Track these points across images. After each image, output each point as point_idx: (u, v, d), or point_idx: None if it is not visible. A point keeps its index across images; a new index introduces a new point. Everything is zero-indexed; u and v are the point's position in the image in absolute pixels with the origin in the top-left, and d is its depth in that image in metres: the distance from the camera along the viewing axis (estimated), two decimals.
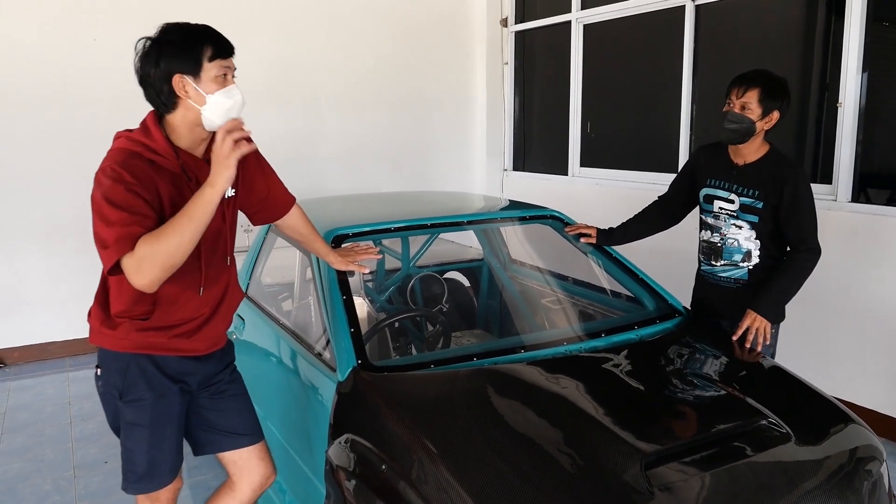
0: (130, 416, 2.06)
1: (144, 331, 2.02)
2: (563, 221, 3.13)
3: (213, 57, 1.94)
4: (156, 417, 2.07)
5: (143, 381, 2.04)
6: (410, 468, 1.85)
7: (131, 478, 2.12)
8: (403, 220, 2.86)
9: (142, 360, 2.04)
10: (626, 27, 5.38)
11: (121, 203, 1.82)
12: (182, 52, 1.93)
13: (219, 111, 1.96)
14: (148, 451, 2.08)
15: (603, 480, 1.77)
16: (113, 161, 1.89)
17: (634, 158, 5.37)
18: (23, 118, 4.77)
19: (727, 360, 2.52)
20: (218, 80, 1.95)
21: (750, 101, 2.62)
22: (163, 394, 2.07)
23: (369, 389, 2.12)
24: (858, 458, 2.07)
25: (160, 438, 2.10)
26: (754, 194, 2.71)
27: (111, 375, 2.06)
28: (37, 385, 4.63)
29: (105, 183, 1.85)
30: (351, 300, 2.42)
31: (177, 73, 1.93)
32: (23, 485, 3.37)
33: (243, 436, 2.26)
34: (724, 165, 2.81)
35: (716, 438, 1.98)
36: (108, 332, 2.03)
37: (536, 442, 1.91)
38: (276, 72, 5.60)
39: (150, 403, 2.05)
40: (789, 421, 2.08)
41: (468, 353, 2.36)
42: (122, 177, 1.84)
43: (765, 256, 2.77)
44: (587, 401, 2.11)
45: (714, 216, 2.85)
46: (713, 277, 2.90)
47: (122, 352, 2.03)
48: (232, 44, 2.01)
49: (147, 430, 2.07)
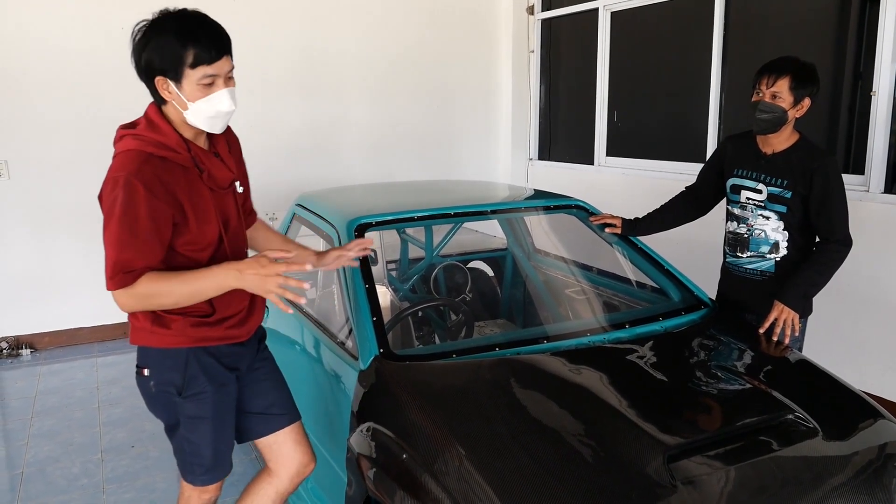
0: (193, 410, 2.03)
1: (200, 326, 1.99)
2: (588, 211, 3.10)
3: (196, 63, 1.79)
4: (218, 408, 2.06)
5: (203, 374, 2.01)
6: (431, 458, 1.85)
7: (198, 470, 2.11)
8: (426, 210, 2.85)
9: (200, 354, 2.01)
10: (655, 14, 5.29)
11: (132, 226, 1.78)
12: (164, 51, 1.79)
13: (201, 119, 1.87)
14: (213, 443, 2.08)
15: (625, 473, 1.75)
16: (128, 169, 1.79)
17: (662, 148, 5.30)
18: (50, 106, 4.84)
19: (753, 353, 2.48)
20: (201, 88, 1.82)
21: (781, 89, 2.57)
22: (223, 383, 2.06)
23: (391, 378, 2.12)
24: (888, 454, 2.03)
25: (223, 428, 2.10)
26: (783, 184, 2.66)
27: (167, 373, 2.01)
28: (66, 370, 4.71)
29: (120, 196, 1.78)
30: (373, 289, 2.42)
31: (158, 75, 1.82)
32: (52, 467, 3.43)
33: (278, 416, 2.22)
34: (752, 155, 2.76)
35: (740, 432, 1.95)
36: (162, 330, 1.96)
37: (558, 433, 1.89)
38: (301, 61, 5.61)
39: (212, 395, 2.03)
40: (816, 415, 2.05)
41: (491, 342, 2.34)
42: (138, 192, 1.77)
43: (792, 248, 2.72)
44: (610, 392, 2.09)
45: (741, 207, 2.80)
46: (739, 270, 2.86)
47: (180, 347, 1.99)
48: (224, 43, 1.85)
49: (211, 422, 2.05)
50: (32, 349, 5.04)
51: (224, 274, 1.86)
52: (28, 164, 4.86)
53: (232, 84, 1.90)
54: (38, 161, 4.88)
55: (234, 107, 1.89)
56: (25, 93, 4.79)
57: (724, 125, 4.73)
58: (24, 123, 4.80)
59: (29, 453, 3.57)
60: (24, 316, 5.01)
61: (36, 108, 4.83)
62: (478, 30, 6.33)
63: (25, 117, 4.80)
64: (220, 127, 1.93)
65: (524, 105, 6.50)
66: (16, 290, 4.95)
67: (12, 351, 4.97)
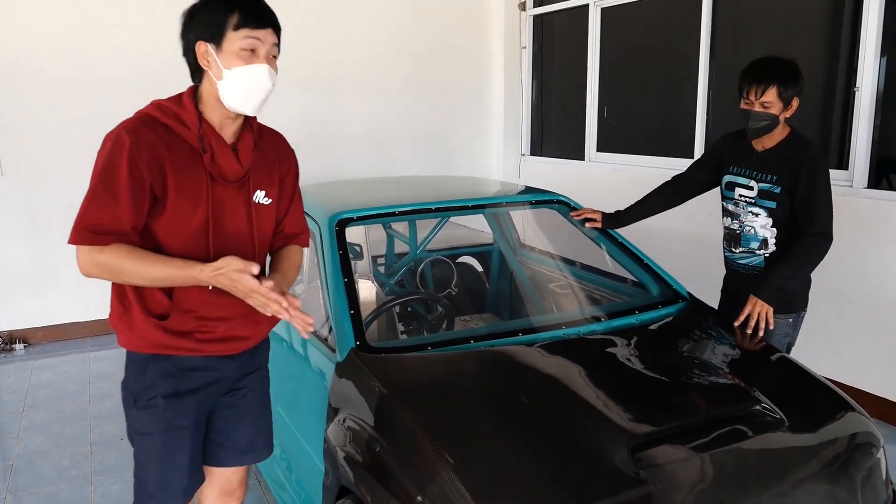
0: (142, 423, 1.90)
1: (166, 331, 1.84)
2: (570, 206, 3.13)
3: (240, 25, 1.72)
4: (168, 426, 1.89)
5: (161, 384, 1.87)
6: (400, 447, 1.89)
7: (141, 496, 1.95)
8: (406, 205, 2.89)
9: (161, 360, 1.87)
10: (644, 10, 5.32)
11: (109, 182, 1.69)
12: (208, 16, 1.74)
13: (236, 91, 1.76)
14: (158, 466, 1.91)
15: (590, 462, 1.79)
16: (123, 125, 1.74)
17: (651, 143, 5.33)
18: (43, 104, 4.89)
19: (725, 346, 2.52)
20: (242, 55, 1.74)
21: (770, 98, 2.61)
22: (181, 397, 1.89)
23: (366, 370, 2.16)
24: (854, 446, 2.07)
25: (173, 451, 1.91)
26: (772, 179, 2.72)
27: (128, 377, 1.92)
28: (59, 364, 4.76)
29: (106, 150, 1.72)
30: (352, 283, 2.45)
31: (200, 41, 1.75)
32: (42, 459, 3.47)
33: (249, 453, 2.12)
34: (745, 152, 2.81)
35: (707, 423, 1.99)
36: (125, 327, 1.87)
37: (527, 423, 1.93)
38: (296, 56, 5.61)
39: (162, 409, 1.87)
40: (784, 407, 2.08)
41: (466, 335, 2.38)
42: (124, 149, 1.69)
43: (781, 245, 2.76)
44: (580, 384, 2.13)
45: (734, 203, 2.86)
46: (734, 264, 2.93)
47: (143, 352, 1.87)
48: (272, 14, 1.79)
49: (159, 440, 1.89)
50: (26, 344, 5.08)
51: (190, 267, 1.75)
52: (22, 162, 4.91)
53: (273, 65, 1.82)
54: (32, 159, 4.92)
55: (270, 84, 1.79)
56: (19, 90, 4.83)
57: (711, 121, 4.75)
58: (17, 121, 4.85)
59: (20, 446, 3.62)
60: (19, 311, 5.06)
61: (29, 106, 4.87)
62: (470, 26, 6.37)
63: (19, 115, 4.85)
64: (252, 106, 1.81)
65: (516, 101, 6.53)
66: (10, 285, 5.00)
67: (6, 345, 5.01)
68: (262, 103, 1.83)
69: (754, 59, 2.72)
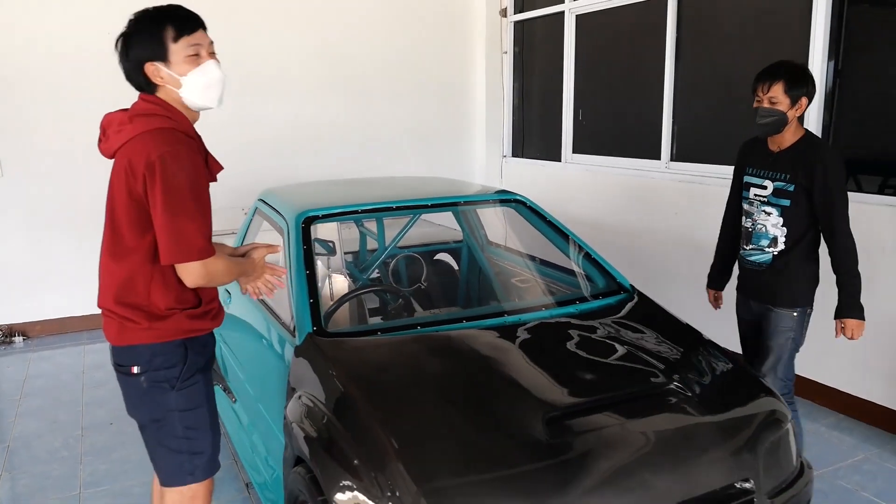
0: (187, 401, 2.09)
1: (193, 318, 2.08)
2: (527, 205, 3.35)
3: (178, 36, 1.90)
4: (209, 395, 2.17)
5: (197, 362, 2.12)
6: (344, 417, 2.12)
7: (200, 462, 2.13)
8: (369, 203, 3.12)
9: (193, 343, 2.11)
10: (616, 17, 5.54)
11: (200, 197, 1.89)
12: (146, 38, 1.91)
13: (196, 91, 1.95)
14: (212, 428, 2.16)
15: (508, 432, 2.01)
16: (178, 144, 1.89)
17: (621, 145, 5.55)
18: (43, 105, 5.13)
19: (654, 333, 2.71)
20: (190, 60, 1.92)
21: (776, 94, 2.75)
22: (208, 370, 2.18)
23: (319, 352, 2.39)
24: (762, 422, 2.25)
25: (216, 414, 2.21)
26: (785, 177, 2.84)
27: (162, 368, 2.05)
28: (56, 356, 5.01)
29: (185, 170, 1.86)
30: (313, 275, 2.68)
31: (147, 62, 1.91)
32: (36, 442, 3.72)
33: None
34: (761, 154, 2.95)
35: (621, 399, 2.21)
36: (159, 324, 2.03)
37: (457, 398, 2.16)
38: (280, 61, 5.87)
39: (203, 383, 2.14)
40: (699, 387, 2.30)
41: (413, 322, 2.62)
42: (198, 163, 1.91)
43: (790, 243, 2.89)
44: (508, 364, 2.36)
45: (749, 202, 3.00)
46: (744, 261, 3.07)
47: (175, 340, 2.06)
48: (197, 17, 1.96)
49: (207, 409, 2.14)
50: (25, 337, 5.34)
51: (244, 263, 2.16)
52: (22, 162, 5.16)
53: (216, 58, 2.00)
54: (31, 159, 5.17)
55: (223, 75, 1.99)
56: (19, 92, 5.07)
57: (677, 124, 4.96)
58: (17, 122, 5.10)
59: (16, 429, 3.87)
60: (18, 305, 5.32)
61: (29, 108, 5.12)
62: (453, 31, 6.60)
63: (19, 116, 5.10)
64: (215, 98, 2.01)
65: (498, 104, 6.76)
66: (10, 281, 5.25)
67: (6, 338, 5.27)
68: (223, 94, 2.03)
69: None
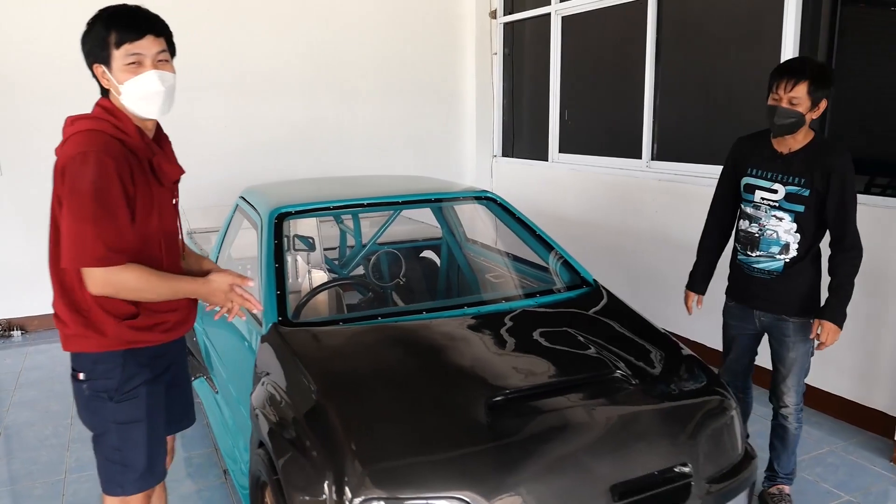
0: (125, 414, 2.03)
1: (133, 329, 2.00)
2: (497, 202, 3.47)
3: (120, 43, 1.84)
4: (151, 409, 2.07)
5: (140, 373, 2.03)
6: (300, 401, 2.24)
7: (130, 477, 2.07)
8: (342, 200, 3.24)
9: (136, 352, 2.03)
10: (600, 19, 5.64)
11: (107, 203, 1.79)
12: (93, 39, 1.87)
13: (133, 100, 1.88)
14: (148, 446, 2.07)
15: (452, 416, 2.13)
16: (96, 146, 1.81)
17: (604, 145, 5.65)
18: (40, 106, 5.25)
19: (610, 325, 2.81)
20: (129, 69, 1.85)
21: (799, 94, 2.58)
22: (156, 381, 2.09)
23: (282, 340, 2.51)
24: (702, 411, 2.35)
25: (156, 429, 2.11)
26: (800, 182, 2.68)
27: (100, 378, 2.01)
28: (52, 349, 5.16)
29: (91, 172, 1.78)
30: (282, 268, 2.80)
31: (95, 64, 1.89)
32: (28, 429, 3.87)
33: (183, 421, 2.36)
34: (767, 155, 2.78)
35: (565, 386, 2.32)
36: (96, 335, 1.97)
37: (407, 384, 2.28)
38: (270, 63, 6.00)
39: (145, 396, 2.05)
40: (644, 375, 2.40)
41: (374, 313, 2.73)
42: (109, 169, 1.79)
43: (802, 250, 2.75)
44: (459, 353, 2.48)
45: (754, 206, 2.82)
46: (748, 268, 2.88)
47: (115, 350, 2.00)
48: (149, 24, 1.88)
49: (145, 425, 2.06)
50: (23, 331, 5.50)
51: (195, 283, 2.04)
52: (19, 162, 5.30)
53: (165, 68, 1.92)
54: (29, 158, 5.30)
55: (162, 87, 1.89)
56: (17, 94, 5.22)
57: (658, 124, 5.06)
58: (15, 122, 5.24)
59: (9, 418, 4.01)
60: (17, 301, 5.46)
61: (27, 108, 5.24)
62: (444, 33, 6.71)
63: (17, 117, 5.23)
64: (155, 110, 1.93)
65: (488, 105, 6.88)
66: (10, 277, 5.40)
67: (5, 332, 5.43)
68: (165, 105, 1.94)
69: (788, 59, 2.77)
